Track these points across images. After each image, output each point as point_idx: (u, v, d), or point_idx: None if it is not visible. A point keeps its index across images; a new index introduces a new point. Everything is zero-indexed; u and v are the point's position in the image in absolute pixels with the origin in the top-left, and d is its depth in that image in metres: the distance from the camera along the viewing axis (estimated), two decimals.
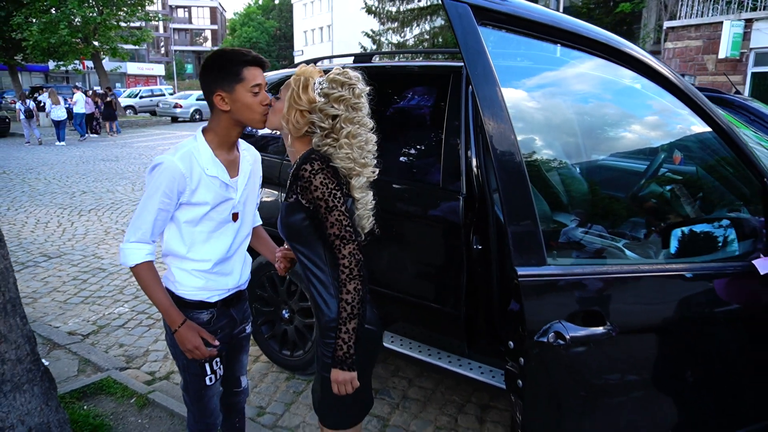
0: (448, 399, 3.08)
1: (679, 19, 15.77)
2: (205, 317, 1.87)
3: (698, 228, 1.77)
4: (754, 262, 1.54)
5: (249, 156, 1.91)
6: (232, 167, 1.81)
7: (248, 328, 2.13)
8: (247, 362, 2.19)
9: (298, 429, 2.80)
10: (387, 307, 2.81)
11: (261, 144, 3.22)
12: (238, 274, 1.94)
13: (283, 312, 3.22)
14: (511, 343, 1.41)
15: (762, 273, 1.52)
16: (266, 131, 2.69)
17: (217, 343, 1.84)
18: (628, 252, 1.92)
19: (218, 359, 1.93)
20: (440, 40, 23.44)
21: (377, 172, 1.63)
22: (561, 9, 22.30)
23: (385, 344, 2.79)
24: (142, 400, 2.89)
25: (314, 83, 1.55)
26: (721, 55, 13.81)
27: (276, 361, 3.36)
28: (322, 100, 1.53)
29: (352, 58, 3.46)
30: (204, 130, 1.78)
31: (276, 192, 3.20)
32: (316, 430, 2.77)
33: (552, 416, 1.50)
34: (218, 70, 1.67)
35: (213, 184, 1.73)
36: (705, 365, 1.60)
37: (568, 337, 1.31)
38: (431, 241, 2.66)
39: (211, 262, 1.81)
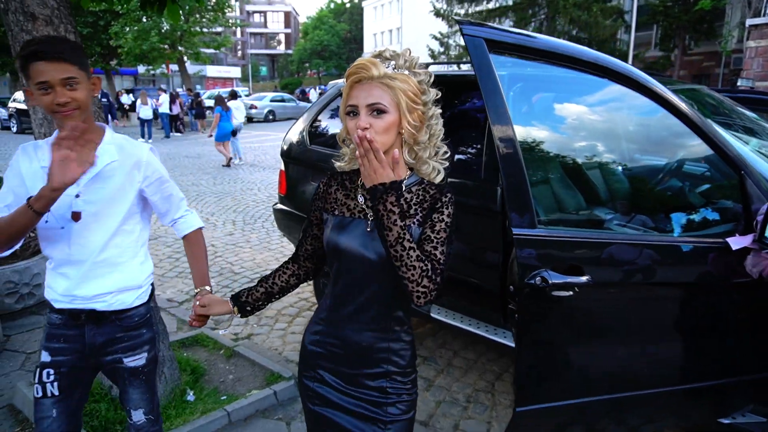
0: (488, 368, 3.48)
1: (764, 16, 15.05)
2: (55, 320, 1.72)
3: (693, 213, 2.10)
4: (728, 239, 1.87)
5: (114, 153, 1.66)
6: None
7: (129, 361, 1.74)
8: (140, 399, 1.79)
9: None
10: None
11: None
12: (89, 287, 1.66)
13: None
14: (511, 287, 1.82)
15: (734, 249, 1.84)
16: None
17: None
18: None
19: (50, 370, 1.69)
20: None
21: None
22: (635, 7, 21.73)
23: (433, 315, 3.24)
24: (230, 351, 3.50)
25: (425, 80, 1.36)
26: None
27: None
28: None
29: None
30: None
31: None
32: None
33: (541, 343, 1.90)
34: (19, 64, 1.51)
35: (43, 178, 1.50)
36: (672, 320, 1.95)
37: (550, 281, 1.72)
38: (474, 226, 3.07)
39: (52, 262, 1.69)
